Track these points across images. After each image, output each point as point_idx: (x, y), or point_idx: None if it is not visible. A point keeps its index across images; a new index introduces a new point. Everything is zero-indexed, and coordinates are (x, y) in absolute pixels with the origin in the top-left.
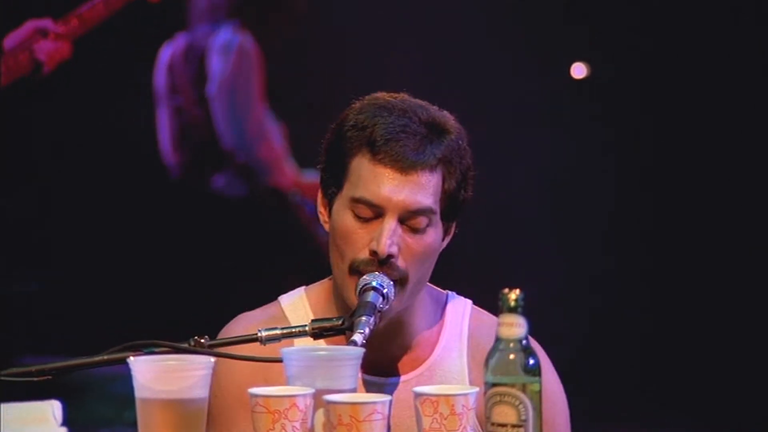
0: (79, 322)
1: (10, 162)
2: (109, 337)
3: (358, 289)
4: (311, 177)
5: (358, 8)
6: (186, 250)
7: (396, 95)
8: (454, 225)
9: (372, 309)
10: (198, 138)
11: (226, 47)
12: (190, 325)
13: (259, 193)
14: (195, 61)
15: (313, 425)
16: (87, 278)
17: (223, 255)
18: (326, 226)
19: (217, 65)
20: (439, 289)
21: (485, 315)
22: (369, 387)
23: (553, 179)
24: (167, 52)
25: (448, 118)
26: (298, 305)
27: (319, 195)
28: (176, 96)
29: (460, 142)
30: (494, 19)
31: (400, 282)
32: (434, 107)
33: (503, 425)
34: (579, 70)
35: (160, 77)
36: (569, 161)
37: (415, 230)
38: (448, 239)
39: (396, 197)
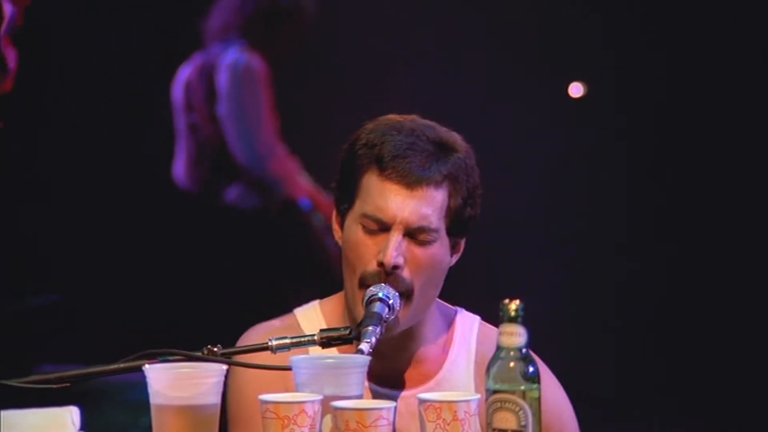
0: (96, 332)
1: (31, 177)
2: (125, 346)
3: (365, 300)
4: (326, 196)
5: (364, 25)
6: (200, 261)
7: (407, 116)
8: (462, 242)
9: (378, 319)
10: (212, 153)
11: (233, 66)
12: (202, 334)
13: (272, 206)
14: (207, 79)
15: (321, 430)
16: (104, 290)
17: (238, 266)
18: (339, 242)
19: (224, 84)
20: (447, 304)
21: (493, 331)
22: (377, 398)
23: (554, 193)
24: (185, 72)
25: (456, 137)
26: (312, 317)
27: (334, 213)
28: (192, 113)
29: (468, 160)
30: (494, 40)
31: (406, 294)
32: (443, 128)
33: (504, 431)
34: (576, 89)
35: (178, 96)
36: (569, 175)
37: (420, 243)
38: (457, 256)
39: (401, 213)
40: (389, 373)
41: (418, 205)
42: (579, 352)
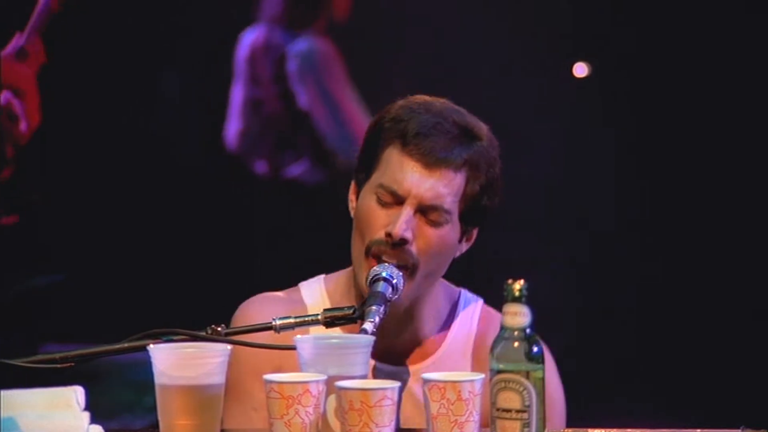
0: (101, 312)
1: (41, 154)
2: (130, 325)
3: (369, 279)
4: None
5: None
6: (208, 240)
7: (438, 98)
8: (475, 232)
9: (382, 299)
10: (277, 130)
11: (306, 58)
12: (208, 314)
13: (338, 180)
14: (274, 59)
15: (325, 410)
16: (109, 269)
17: (305, 243)
18: (352, 213)
19: (300, 77)
20: (452, 285)
21: (495, 315)
22: (380, 374)
23: (555, 178)
24: (249, 38)
25: (483, 127)
26: (315, 292)
27: (352, 183)
28: (256, 88)
29: (491, 150)
30: (495, 18)
31: (411, 269)
32: (473, 116)
33: (508, 410)
34: (581, 69)
35: (241, 68)
36: (571, 159)
37: (431, 223)
38: (468, 245)
39: (417, 189)
40: (391, 349)
41: (435, 184)
42: (578, 334)
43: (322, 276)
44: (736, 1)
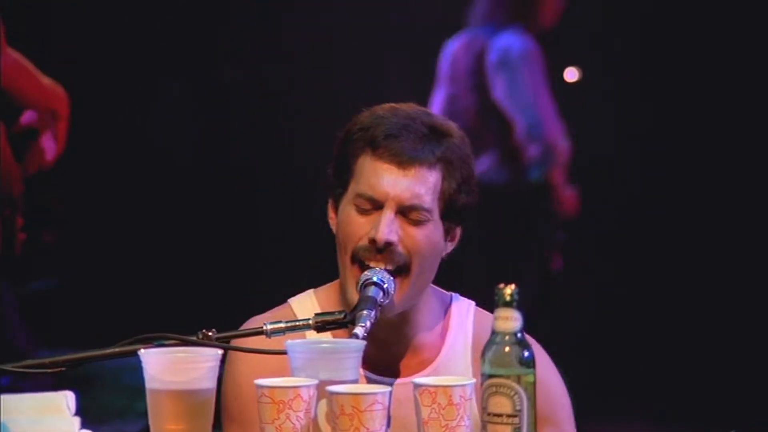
0: (92, 316)
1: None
2: (121, 330)
3: (359, 284)
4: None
5: None
6: (206, 244)
7: (403, 104)
8: (458, 231)
9: (373, 303)
10: (466, 121)
11: (507, 52)
12: (200, 318)
13: (521, 185)
14: (473, 55)
15: (316, 415)
16: (100, 275)
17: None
18: (334, 229)
19: (500, 70)
20: (442, 290)
21: (488, 316)
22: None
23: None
24: (453, 45)
25: (451, 124)
26: (307, 306)
27: (330, 201)
28: (454, 85)
29: (463, 147)
30: None
31: (404, 269)
32: (440, 116)
33: (499, 415)
34: (571, 74)
35: (445, 68)
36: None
37: (414, 222)
38: (452, 244)
39: (394, 190)
40: (386, 360)
41: (411, 183)
42: (577, 336)
43: (311, 290)
44: (728, 6)
